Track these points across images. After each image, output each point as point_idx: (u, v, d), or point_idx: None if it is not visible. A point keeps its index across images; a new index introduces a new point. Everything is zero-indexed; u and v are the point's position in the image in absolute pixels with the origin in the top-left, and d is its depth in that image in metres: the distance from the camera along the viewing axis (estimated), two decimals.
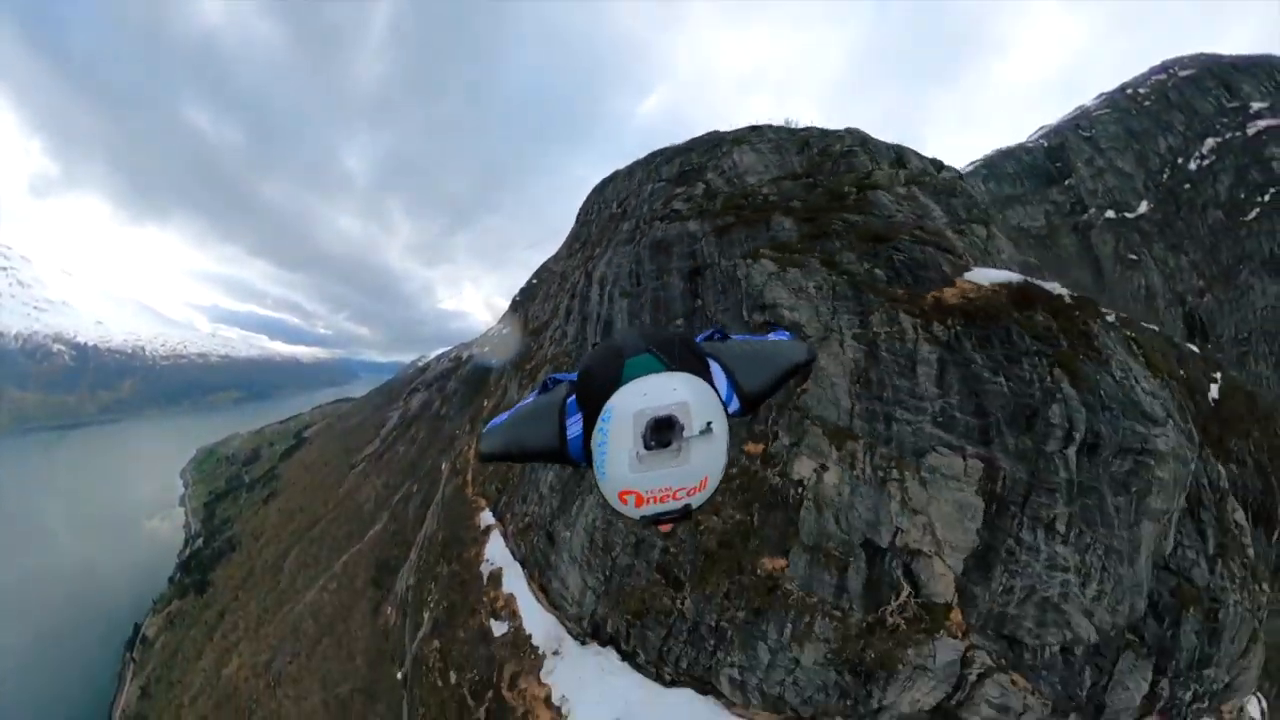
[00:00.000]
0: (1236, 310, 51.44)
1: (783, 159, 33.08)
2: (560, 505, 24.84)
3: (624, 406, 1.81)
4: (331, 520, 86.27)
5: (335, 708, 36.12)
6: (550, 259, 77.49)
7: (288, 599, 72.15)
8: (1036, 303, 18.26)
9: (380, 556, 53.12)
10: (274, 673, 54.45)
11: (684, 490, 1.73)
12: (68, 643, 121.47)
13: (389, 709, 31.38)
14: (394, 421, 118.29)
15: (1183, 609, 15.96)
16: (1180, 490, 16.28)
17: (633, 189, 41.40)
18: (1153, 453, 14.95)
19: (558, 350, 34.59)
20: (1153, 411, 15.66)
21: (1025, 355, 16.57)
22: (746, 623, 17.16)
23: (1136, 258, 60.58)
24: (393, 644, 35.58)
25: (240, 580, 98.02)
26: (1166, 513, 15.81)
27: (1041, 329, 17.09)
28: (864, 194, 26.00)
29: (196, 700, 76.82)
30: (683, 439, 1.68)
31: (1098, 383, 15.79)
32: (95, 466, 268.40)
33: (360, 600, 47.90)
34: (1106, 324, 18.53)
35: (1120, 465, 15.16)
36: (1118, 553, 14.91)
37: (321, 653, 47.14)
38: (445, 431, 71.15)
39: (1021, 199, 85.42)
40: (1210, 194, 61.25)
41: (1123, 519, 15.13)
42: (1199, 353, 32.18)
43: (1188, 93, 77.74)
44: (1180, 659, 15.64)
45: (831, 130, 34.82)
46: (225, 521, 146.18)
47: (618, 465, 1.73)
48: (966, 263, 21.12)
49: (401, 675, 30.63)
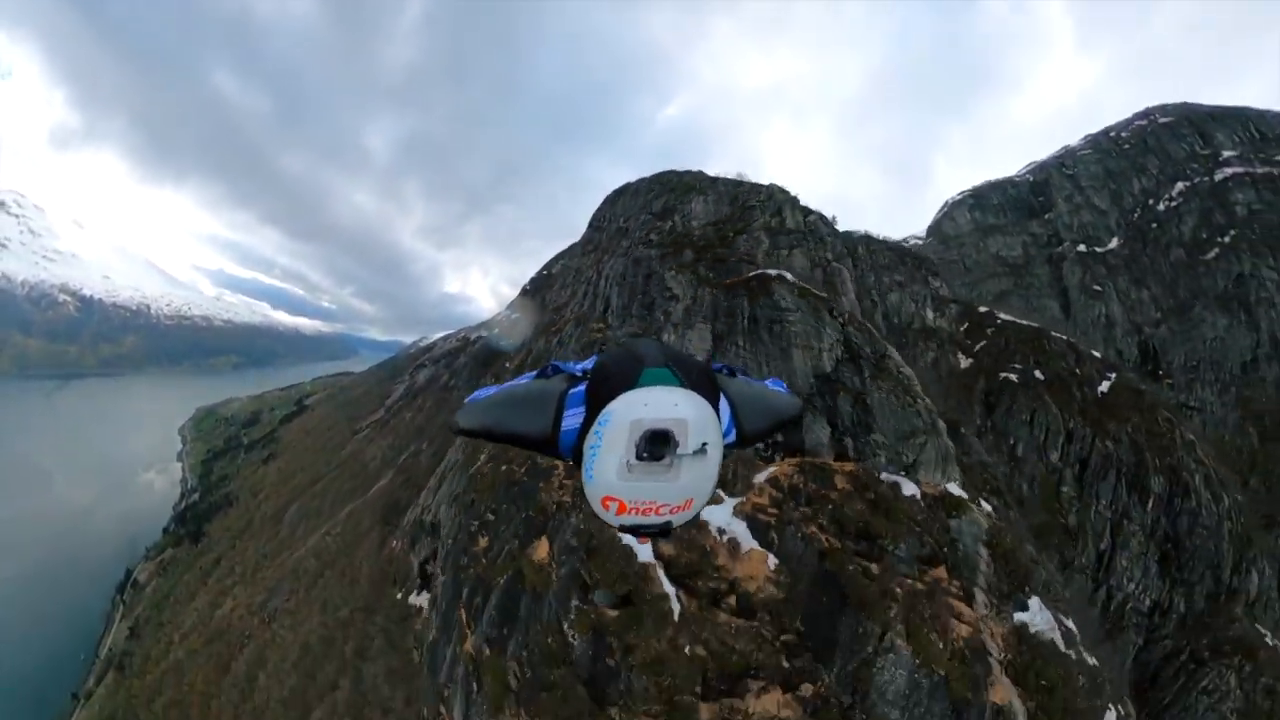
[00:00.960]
0: (1188, 341, 54.66)
1: (718, 207, 47.05)
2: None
3: (623, 412, 1.82)
4: (334, 478, 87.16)
5: (334, 626, 38.32)
6: (566, 256, 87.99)
7: (287, 547, 73.57)
8: (771, 284, 34.53)
9: (389, 500, 55.35)
10: (270, 610, 56.66)
11: (668, 507, 1.77)
12: (57, 582, 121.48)
13: (388, 619, 33.91)
14: (400, 392, 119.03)
15: (836, 394, 29.45)
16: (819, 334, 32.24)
17: (634, 211, 53.05)
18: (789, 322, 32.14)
19: (579, 312, 46.95)
20: (788, 304, 32.75)
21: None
22: None
23: (1100, 289, 63.78)
24: (396, 568, 38.08)
25: (238, 531, 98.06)
26: (812, 348, 31.50)
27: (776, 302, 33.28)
28: (737, 235, 41.56)
29: (188, 637, 77.33)
30: (676, 455, 1.71)
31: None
32: (93, 417, 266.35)
33: (366, 538, 50.05)
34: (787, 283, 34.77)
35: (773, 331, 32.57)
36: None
37: (323, 585, 49.23)
38: (453, 401, 74.16)
39: (1003, 229, 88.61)
40: (1174, 233, 64.54)
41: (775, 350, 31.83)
42: (1099, 357, 43.88)
43: (1164, 138, 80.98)
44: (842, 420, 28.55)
45: (760, 185, 48.66)
46: (223, 479, 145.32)
47: (606, 470, 1.76)
48: (756, 265, 37.76)
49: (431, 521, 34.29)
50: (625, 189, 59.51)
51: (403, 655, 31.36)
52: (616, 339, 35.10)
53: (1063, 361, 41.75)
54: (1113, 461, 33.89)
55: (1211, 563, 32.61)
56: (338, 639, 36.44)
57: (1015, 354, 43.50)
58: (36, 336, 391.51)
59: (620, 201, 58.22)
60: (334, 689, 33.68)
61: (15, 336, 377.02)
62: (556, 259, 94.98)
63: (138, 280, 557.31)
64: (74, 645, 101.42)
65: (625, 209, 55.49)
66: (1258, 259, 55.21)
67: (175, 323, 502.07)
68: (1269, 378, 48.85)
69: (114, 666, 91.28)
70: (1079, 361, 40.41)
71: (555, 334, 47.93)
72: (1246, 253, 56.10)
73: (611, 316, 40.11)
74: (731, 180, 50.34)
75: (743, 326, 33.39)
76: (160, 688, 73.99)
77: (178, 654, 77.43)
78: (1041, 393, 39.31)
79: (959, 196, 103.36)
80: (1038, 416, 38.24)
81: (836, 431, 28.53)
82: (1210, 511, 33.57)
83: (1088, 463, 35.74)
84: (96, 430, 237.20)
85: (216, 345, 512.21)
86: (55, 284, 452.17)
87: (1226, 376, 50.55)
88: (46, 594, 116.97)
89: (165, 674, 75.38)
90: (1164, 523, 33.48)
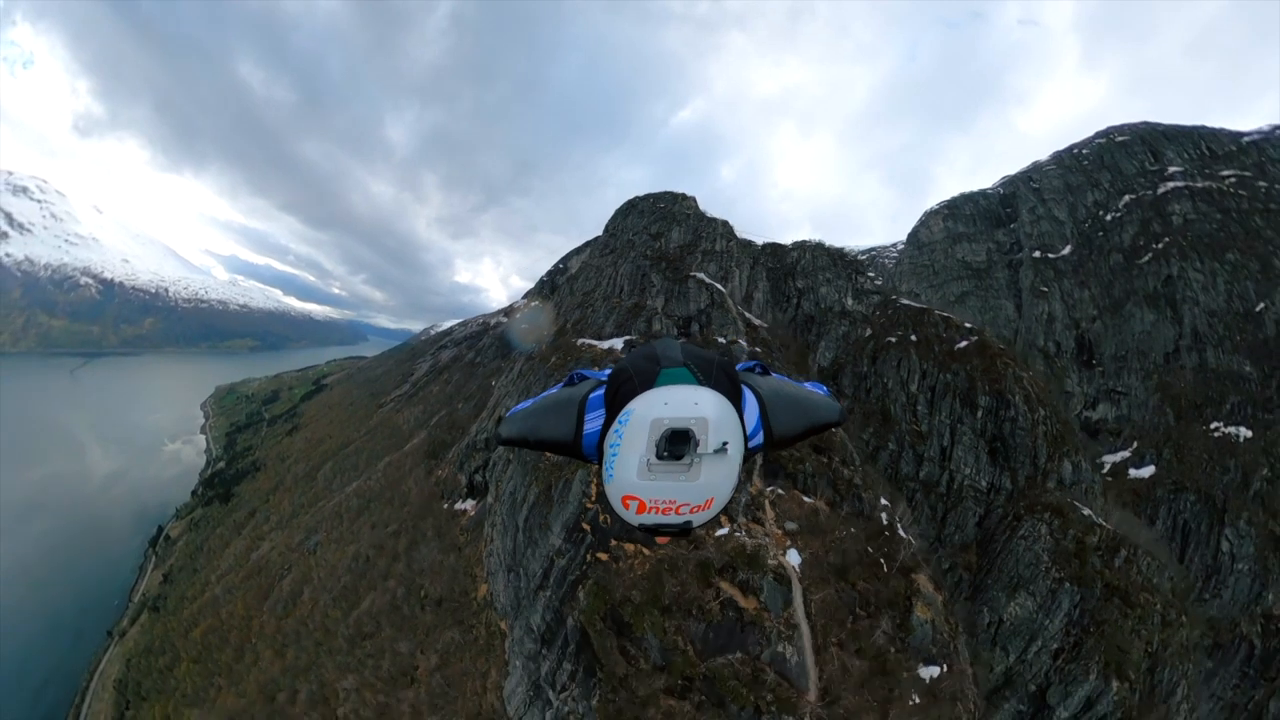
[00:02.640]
0: (1119, 334, 60.23)
1: (684, 235, 68.28)
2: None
3: (644, 411, 1.81)
4: (366, 440, 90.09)
5: (386, 537, 43.28)
6: (581, 252, 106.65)
7: (323, 497, 77.50)
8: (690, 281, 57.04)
9: (433, 443, 60.41)
10: (311, 545, 61.04)
11: (688, 506, 1.71)
12: (91, 537, 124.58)
13: (437, 520, 39.58)
14: (425, 369, 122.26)
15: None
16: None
17: (638, 229, 71.48)
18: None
19: (605, 293, 64.63)
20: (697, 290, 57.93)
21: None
22: None
23: (1047, 290, 69.31)
24: (444, 487, 43.57)
25: (269, 490, 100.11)
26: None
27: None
28: (688, 254, 63.70)
29: (225, 576, 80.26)
30: (696, 455, 1.67)
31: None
32: (118, 392, 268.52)
33: (412, 473, 55.11)
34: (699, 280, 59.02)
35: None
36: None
37: (369, 515, 53.81)
38: (479, 374, 79.42)
39: (971, 236, 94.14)
40: (1116, 240, 69.95)
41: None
42: (970, 327, 55.63)
43: (1118, 155, 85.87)
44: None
45: (715, 220, 70.95)
46: (247, 449, 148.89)
47: (626, 469, 1.73)
48: (690, 270, 59.19)
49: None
50: (633, 206, 77.55)
51: (450, 540, 36.92)
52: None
53: (933, 329, 55.27)
54: (951, 388, 47.66)
55: (1030, 454, 43.40)
56: (389, 544, 41.38)
57: (901, 326, 57.44)
58: (60, 316, 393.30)
59: (630, 217, 76.01)
60: (385, 579, 39.04)
61: (40, 316, 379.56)
62: (571, 255, 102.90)
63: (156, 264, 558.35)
64: (108, 592, 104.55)
65: (633, 225, 73.64)
66: (1185, 262, 60.77)
67: (192, 306, 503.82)
68: (1188, 365, 54.45)
69: (148, 608, 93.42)
70: (946, 329, 54.61)
71: (588, 307, 63.98)
72: (1176, 257, 61.61)
73: (624, 297, 60.94)
74: (698, 215, 72.09)
75: (678, 301, 57.21)
76: (196, 620, 76.65)
77: (214, 591, 79.21)
78: (910, 349, 53.51)
79: (936, 206, 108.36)
80: (903, 363, 52.68)
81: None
82: (1026, 419, 44.56)
83: (935, 389, 49.19)
84: (121, 404, 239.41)
85: (232, 329, 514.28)
86: (77, 267, 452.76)
87: (1150, 365, 56.11)
88: (81, 547, 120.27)
89: (202, 608, 77.98)
90: (990, 426, 45.37)
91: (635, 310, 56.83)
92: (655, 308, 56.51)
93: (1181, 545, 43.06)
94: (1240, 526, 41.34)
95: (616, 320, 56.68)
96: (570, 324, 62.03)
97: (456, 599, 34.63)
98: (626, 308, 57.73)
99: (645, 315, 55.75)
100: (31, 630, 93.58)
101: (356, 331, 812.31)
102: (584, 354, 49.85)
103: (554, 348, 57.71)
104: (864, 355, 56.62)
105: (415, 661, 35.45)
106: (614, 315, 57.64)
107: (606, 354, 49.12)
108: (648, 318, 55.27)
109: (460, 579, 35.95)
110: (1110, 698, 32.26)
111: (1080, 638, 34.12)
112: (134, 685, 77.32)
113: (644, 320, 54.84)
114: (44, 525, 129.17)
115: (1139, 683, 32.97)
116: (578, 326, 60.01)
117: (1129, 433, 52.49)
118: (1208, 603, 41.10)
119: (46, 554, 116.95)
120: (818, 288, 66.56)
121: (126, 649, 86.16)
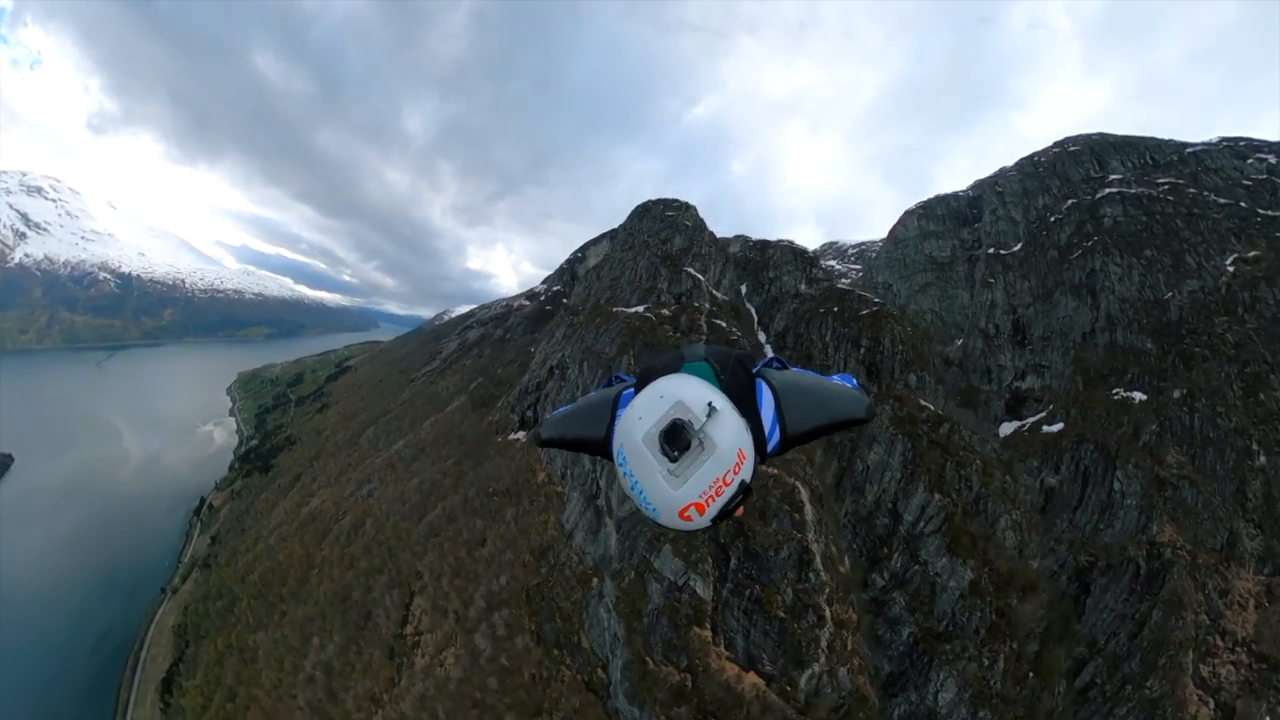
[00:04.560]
0: (1046, 318, 69.56)
1: (684, 240, 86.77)
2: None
3: (630, 438, 1.79)
4: (406, 407, 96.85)
5: (448, 468, 52.29)
6: (599, 244, 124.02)
7: (370, 456, 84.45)
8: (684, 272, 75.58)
9: (481, 395, 69.25)
10: (365, 492, 69.01)
11: (730, 472, 1.72)
12: (137, 510, 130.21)
13: (496, 449, 48.97)
14: (454, 346, 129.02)
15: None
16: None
17: (652, 233, 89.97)
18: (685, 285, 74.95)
19: (632, 281, 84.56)
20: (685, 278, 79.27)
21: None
22: None
23: (994, 281, 78.60)
24: (498, 426, 52.66)
25: (310, 457, 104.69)
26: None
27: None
28: (684, 254, 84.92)
29: (277, 529, 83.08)
30: (697, 432, 1.67)
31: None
32: (145, 381, 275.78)
33: (463, 422, 63.94)
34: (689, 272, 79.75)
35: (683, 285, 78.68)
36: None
37: (426, 458, 62.37)
38: (510, 349, 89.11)
39: (939, 234, 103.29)
40: (1054, 239, 79.08)
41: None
42: (880, 302, 78.24)
43: (1068, 163, 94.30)
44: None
45: (699, 228, 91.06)
46: (278, 427, 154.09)
47: (659, 492, 1.69)
48: (683, 264, 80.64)
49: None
50: (647, 210, 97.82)
51: (510, 454, 46.00)
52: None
53: (849, 303, 75.63)
54: (848, 337, 70.77)
55: (890, 371, 64.51)
56: (451, 471, 50.32)
57: (831, 301, 78.06)
58: (82, 312, 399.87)
59: (645, 220, 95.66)
60: (454, 490, 48.10)
61: (62, 313, 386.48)
62: (587, 245, 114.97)
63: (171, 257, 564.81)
64: (157, 556, 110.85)
65: (648, 228, 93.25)
66: (1107, 257, 69.89)
67: (208, 296, 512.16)
68: (1100, 344, 63.64)
69: (198, 565, 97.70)
70: (858, 303, 75.92)
71: (617, 288, 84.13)
72: (1100, 253, 70.70)
73: (642, 281, 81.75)
74: (695, 225, 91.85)
75: (675, 284, 78.05)
76: (253, 566, 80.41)
77: (268, 542, 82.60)
78: (830, 316, 74.28)
79: (913, 207, 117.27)
80: (824, 325, 73.40)
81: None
82: (889, 351, 66.46)
83: (841, 337, 70.40)
84: (150, 392, 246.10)
85: (249, 317, 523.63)
86: (95, 263, 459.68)
87: (1069, 344, 65.37)
88: (127, 520, 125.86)
89: (257, 557, 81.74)
90: (868, 357, 66.69)
91: (650, 290, 78.69)
92: (662, 289, 78.57)
93: (1082, 485, 52.56)
94: (1129, 469, 50.72)
95: (638, 296, 78.48)
96: (603, 300, 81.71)
97: (520, 486, 44.16)
98: (644, 288, 79.83)
99: (656, 294, 77.69)
100: (87, 592, 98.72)
101: (367, 318, 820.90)
102: (616, 316, 73.04)
103: (592, 314, 78.61)
104: (802, 322, 78.09)
105: (487, 533, 44.86)
106: (636, 293, 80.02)
107: (632, 314, 72.71)
108: (658, 295, 77.21)
109: (522, 473, 45.56)
110: (935, 504, 49.34)
111: (914, 469, 51.90)
112: (193, 628, 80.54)
113: (655, 296, 76.59)
114: (90, 503, 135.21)
115: (960, 499, 49.49)
116: (609, 301, 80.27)
117: (1048, 399, 62.07)
118: (1103, 532, 50.56)
119: (95, 527, 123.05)
120: (782, 277, 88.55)
121: (182, 600, 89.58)
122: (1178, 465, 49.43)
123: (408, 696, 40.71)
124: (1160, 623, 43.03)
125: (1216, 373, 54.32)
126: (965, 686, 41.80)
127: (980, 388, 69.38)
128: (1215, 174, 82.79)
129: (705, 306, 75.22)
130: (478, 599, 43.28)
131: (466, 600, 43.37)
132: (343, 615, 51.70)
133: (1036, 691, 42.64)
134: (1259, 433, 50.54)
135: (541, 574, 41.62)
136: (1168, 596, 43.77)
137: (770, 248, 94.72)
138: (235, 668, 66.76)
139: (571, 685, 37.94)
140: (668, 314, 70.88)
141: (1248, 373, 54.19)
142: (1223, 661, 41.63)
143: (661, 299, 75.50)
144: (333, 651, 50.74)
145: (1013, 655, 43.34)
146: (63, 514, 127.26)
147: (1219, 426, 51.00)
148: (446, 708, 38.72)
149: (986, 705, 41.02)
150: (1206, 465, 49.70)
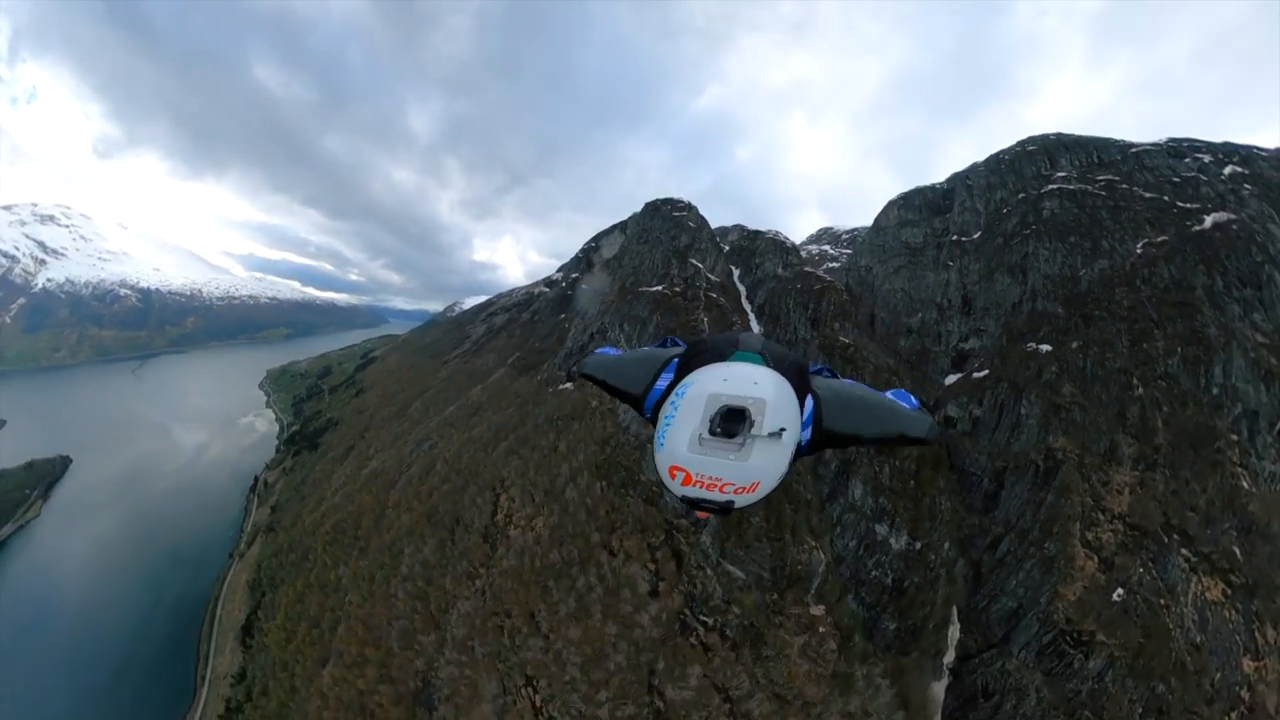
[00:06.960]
0: (987, 294, 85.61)
1: (688, 239, 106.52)
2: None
3: (702, 385, 1.84)
4: (445, 384, 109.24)
5: (509, 415, 67.18)
6: (611, 234, 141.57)
7: (420, 423, 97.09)
8: (689, 261, 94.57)
9: (525, 363, 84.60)
10: (425, 448, 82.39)
11: (733, 486, 1.75)
12: (195, 490, 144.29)
13: (551, 398, 65.34)
14: (482, 331, 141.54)
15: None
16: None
17: (662, 231, 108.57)
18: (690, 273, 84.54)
19: (651, 268, 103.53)
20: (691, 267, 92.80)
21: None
22: None
23: (952, 264, 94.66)
24: (548, 379, 68.54)
25: (359, 431, 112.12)
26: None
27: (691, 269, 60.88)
28: (689, 249, 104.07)
29: (341, 489, 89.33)
30: (750, 435, 1.70)
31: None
32: (180, 383, 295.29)
33: (514, 383, 78.91)
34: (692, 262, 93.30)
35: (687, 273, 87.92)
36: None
37: (481, 415, 75.85)
38: (538, 330, 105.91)
39: (914, 223, 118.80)
40: (1002, 229, 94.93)
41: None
42: (830, 280, 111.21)
43: (1024, 161, 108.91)
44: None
45: (707, 226, 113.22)
46: (316, 414, 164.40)
47: (678, 441, 1.78)
48: (687, 255, 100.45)
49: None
50: (657, 210, 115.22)
51: (567, 399, 61.66)
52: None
53: (812, 282, 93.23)
54: (803, 304, 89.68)
55: (828, 325, 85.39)
56: (515, 415, 65.05)
57: (799, 282, 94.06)
58: (109, 326, 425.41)
59: (656, 219, 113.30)
60: (519, 426, 63.52)
61: (91, 329, 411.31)
62: (601, 236, 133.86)
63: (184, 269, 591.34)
64: (220, 528, 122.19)
65: (659, 226, 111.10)
66: (1039, 243, 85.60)
67: (226, 303, 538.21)
68: (1024, 311, 79.67)
69: (263, 531, 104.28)
70: (817, 282, 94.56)
71: (639, 275, 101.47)
72: (1033, 239, 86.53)
73: (657, 269, 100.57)
74: (696, 223, 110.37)
75: (682, 270, 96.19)
76: (323, 521, 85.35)
77: (334, 500, 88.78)
78: (794, 291, 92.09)
79: (895, 198, 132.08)
80: (789, 297, 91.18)
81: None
82: (826, 311, 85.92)
83: (798, 304, 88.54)
84: (187, 393, 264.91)
85: (266, 320, 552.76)
86: (115, 281, 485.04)
87: (1002, 312, 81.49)
88: (186, 501, 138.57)
89: (325, 513, 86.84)
90: (813, 315, 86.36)
91: (664, 275, 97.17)
92: (674, 274, 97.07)
93: (998, 413, 68.39)
94: (1032, 399, 66.62)
95: (656, 279, 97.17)
96: (627, 284, 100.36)
97: (581, 411, 60.37)
98: (660, 273, 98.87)
99: (669, 278, 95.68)
100: (158, 565, 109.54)
101: (376, 315, 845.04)
102: (642, 294, 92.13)
103: (622, 293, 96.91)
104: (776, 296, 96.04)
105: (559, 441, 60.90)
106: (654, 277, 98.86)
107: (654, 292, 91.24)
108: (670, 279, 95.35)
109: (579, 404, 61.70)
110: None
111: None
112: (268, 580, 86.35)
113: (669, 280, 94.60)
114: (149, 490, 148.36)
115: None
116: (632, 284, 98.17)
117: (983, 355, 78.02)
118: (1013, 444, 66.39)
119: (156, 510, 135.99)
120: (765, 263, 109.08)
121: (251, 561, 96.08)
122: (1070, 395, 65.21)
123: (505, 560, 54.66)
124: (1053, 503, 58.84)
125: (1109, 329, 70.11)
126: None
127: (931, 349, 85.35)
128: (1149, 171, 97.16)
129: (704, 286, 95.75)
130: (562, 473, 58.19)
131: (553, 477, 58.56)
132: (432, 527, 65.32)
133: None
134: (1140, 372, 66.29)
135: (607, 452, 57.66)
136: (1059, 484, 59.42)
137: (759, 238, 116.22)
138: (318, 600, 73.70)
139: (634, 505, 53.84)
140: (679, 290, 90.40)
141: (1136, 329, 69.95)
142: (1104, 530, 57.23)
143: (674, 283, 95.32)
144: (429, 551, 63.49)
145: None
146: (125, 501, 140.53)
147: (1106, 367, 66.80)
148: (544, 549, 53.86)
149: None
150: (1095, 395, 65.54)
